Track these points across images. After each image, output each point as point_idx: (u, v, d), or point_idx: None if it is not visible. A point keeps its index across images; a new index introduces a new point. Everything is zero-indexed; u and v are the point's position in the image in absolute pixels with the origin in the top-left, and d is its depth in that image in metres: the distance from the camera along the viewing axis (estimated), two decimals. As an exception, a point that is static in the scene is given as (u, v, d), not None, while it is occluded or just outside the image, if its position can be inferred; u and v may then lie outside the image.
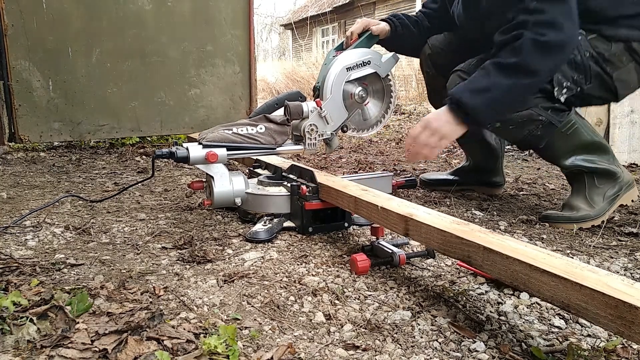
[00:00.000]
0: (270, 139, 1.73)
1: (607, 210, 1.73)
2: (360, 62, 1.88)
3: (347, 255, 1.43)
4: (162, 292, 1.15)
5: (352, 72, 1.86)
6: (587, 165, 1.73)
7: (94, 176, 2.59)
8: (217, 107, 3.71)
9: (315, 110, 1.77)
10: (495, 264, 0.96)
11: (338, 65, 1.84)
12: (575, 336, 1.00)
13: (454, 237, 1.06)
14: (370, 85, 1.93)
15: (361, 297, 1.16)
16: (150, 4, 3.41)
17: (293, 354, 0.91)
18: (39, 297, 1.05)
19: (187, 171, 2.73)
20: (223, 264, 1.36)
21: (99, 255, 1.42)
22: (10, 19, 3.02)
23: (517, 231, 1.66)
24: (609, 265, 1.37)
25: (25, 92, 3.13)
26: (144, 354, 0.87)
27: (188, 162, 1.60)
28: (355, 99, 1.89)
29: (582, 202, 1.74)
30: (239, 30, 3.70)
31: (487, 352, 0.93)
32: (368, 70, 1.89)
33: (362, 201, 1.40)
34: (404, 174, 2.63)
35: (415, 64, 12.14)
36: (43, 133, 3.22)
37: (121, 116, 3.42)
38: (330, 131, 1.81)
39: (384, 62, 1.93)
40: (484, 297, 1.17)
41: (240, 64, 3.75)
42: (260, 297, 1.15)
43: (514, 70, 1.53)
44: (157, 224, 1.73)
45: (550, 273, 0.84)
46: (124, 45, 3.37)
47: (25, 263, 1.31)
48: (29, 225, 1.67)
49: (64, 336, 0.91)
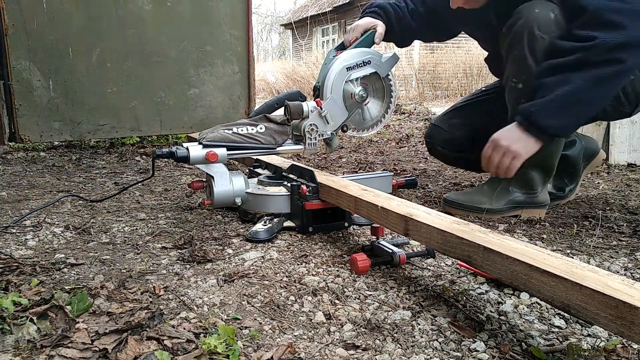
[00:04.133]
0: (271, 139, 1.73)
1: (503, 212, 1.79)
2: (360, 62, 1.87)
3: (347, 255, 1.43)
4: (162, 292, 1.15)
5: (352, 71, 1.85)
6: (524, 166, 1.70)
7: (94, 176, 2.59)
8: (216, 106, 3.72)
9: (316, 110, 1.77)
10: (495, 264, 0.96)
11: (338, 65, 1.84)
12: (575, 336, 1.00)
13: (454, 237, 1.06)
14: (370, 85, 1.93)
15: (361, 297, 1.16)
16: (149, 4, 3.41)
17: (293, 354, 0.91)
18: (39, 297, 1.05)
19: (187, 171, 2.73)
20: (223, 263, 1.36)
21: (99, 255, 1.42)
22: (10, 18, 3.02)
23: (517, 231, 1.66)
24: (609, 265, 1.37)
25: (25, 92, 3.14)
26: (144, 353, 0.87)
27: (188, 161, 1.60)
28: (356, 99, 1.89)
29: (487, 197, 1.80)
30: (238, 31, 3.71)
31: (487, 352, 0.93)
32: (368, 70, 1.89)
33: (362, 201, 1.40)
34: (404, 174, 2.63)
35: (416, 64, 12.17)
36: (43, 133, 3.23)
37: (121, 116, 3.43)
38: (331, 131, 1.81)
39: (384, 61, 1.92)
40: (484, 297, 1.17)
41: (239, 64, 3.75)
42: (260, 297, 1.15)
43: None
44: (157, 224, 1.73)
45: (550, 273, 0.84)
46: (124, 45, 3.37)
47: (25, 263, 1.31)
48: (29, 225, 1.67)
49: (64, 336, 0.91)
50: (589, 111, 1.50)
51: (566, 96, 1.44)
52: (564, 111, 1.46)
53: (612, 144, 2.95)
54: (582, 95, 1.43)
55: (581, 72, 1.42)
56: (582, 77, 1.42)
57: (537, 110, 1.47)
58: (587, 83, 1.42)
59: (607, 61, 1.40)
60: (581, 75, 1.42)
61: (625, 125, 2.93)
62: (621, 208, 1.95)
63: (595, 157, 2.01)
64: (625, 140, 2.94)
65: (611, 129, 2.94)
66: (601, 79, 1.42)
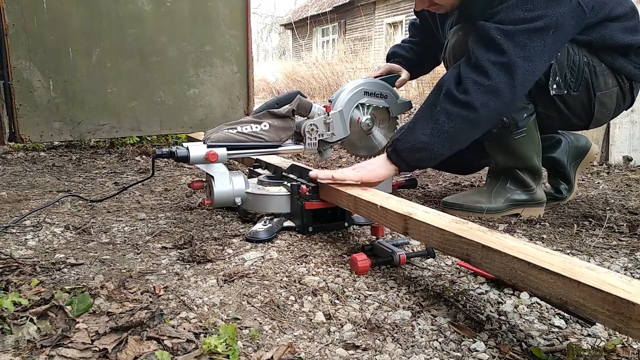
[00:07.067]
0: (275, 136, 1.72)
1: (503, 211, 1.81)
2: (378, 93, 1.92)
3: (347, 254, 1.43)
4: (162, 292, 1.15)
5: (367, 97, 1.89)
6: (511, 167, 1.80)
7: (94, 176, 2.59)
8: (215, 106, 3.72)
9: (323, 114, 1.78)
10: (493, 261, 0.96)
11: (358, 86, 1.87)
12: (575, 336, 1.00)
13: (453, 236, 1.06)
14: (378, 119, 1.96)
15: (361, 297, 1.16)
16: (149, 4, 3.41)
17: (293, 354, 0.91)
18: (39, 297, 1.05)
19: (187, 171, 2.73)
20: (223, 263, 1.36)
21: (99, 254, 1.42)
22: (10, 18, 3.02)
23: (517, 231, 1.66)
24: (609, 265, 1.37)
25: (25, 92, 3.13)
26: (144, 353, 0.87)
27: (188, 161, 1.60)
28: (361, 126, 1.92)
29: (485, 197, 1.83)
30: (237, 31, 3.71)
31: (487, 352, 0.93)
32: (382, 103, 1.93)
33: (361, 200, 1.40)
34: (404, 174, 2.63)
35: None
36: (43, 133, 3.23)
37: (121, 116, 3.42)
38: (329, 140, 1.82)
39: (399, 103, 1.97)
40: (484, 297, 1.17)
41: (238, 64, 3.75)
42: (261, 297, 1.15)
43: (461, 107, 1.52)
44: (157, 224, 1.73)
45: (548, 270, 0.84)
46: (124, 45, 3.37)
47: (25, 263, 1.31)
48: (29, 225, 1.67)
49: (64, 336, 0.91)
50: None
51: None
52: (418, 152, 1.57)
53: (612, 144, 2.95)
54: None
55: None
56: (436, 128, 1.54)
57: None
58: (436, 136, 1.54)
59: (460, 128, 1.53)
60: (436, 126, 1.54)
61: (625, 125, 2.93)
62: (621, 208, 1.96)
63: (588, 153, 2.01)
64: (625, 140, 2.94)
65: (611, 129, 2.94)
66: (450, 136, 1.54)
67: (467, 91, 1.49)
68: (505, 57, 1.46)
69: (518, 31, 1.46)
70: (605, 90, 1.68)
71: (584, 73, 1.64)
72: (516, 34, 1.46)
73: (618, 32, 1.61)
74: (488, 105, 1.49)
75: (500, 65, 1.47)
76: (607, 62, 1.66)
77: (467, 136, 1.56)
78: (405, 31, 8.21)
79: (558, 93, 1.66)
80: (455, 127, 1.51)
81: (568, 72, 1.64)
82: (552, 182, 2.04)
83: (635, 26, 1.64)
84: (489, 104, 1.49)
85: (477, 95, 1.48)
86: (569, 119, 1.75)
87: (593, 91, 1.67)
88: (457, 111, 1.50)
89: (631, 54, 1.66)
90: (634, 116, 2.91)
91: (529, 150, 1.76)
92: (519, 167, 1.79)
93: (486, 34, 1.49)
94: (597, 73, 1.65)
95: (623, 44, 1.62)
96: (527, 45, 1.46)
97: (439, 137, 1.53)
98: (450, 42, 1.77)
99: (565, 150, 1.98)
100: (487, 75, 1.48)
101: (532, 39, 1.46)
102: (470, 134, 1.56)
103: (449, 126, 1.51)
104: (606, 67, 1.66)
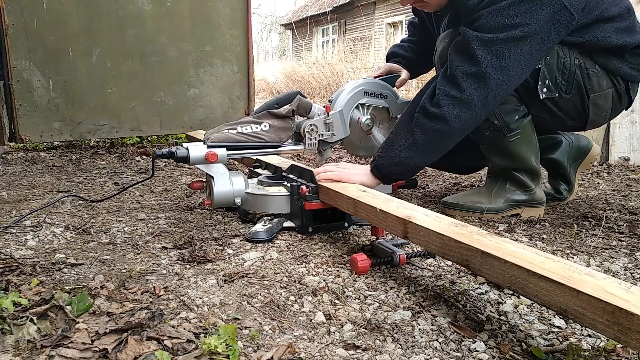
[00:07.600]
0: (275, 136, 1.72)
1: (503, 211, 1.81)
2: (378, 93, 1.92)
3: (347, 255, 1.43)
4: (162, 292, 1.16)
5: (367, 97, 1.89)
6: (508, 168, 1.81)
7: (94, 176, 2.59)
8: (215, 106, 3.72)
9: (323, 115, 1.78)
10: (493, 268, 0.96)
11: (357, 86, 1.87)
12: (575, 336, 1.00)
13: (452, 241, 1.05)
14: (378, 119, 1.96)
15: (361, 297, 1.16)
16: (149, 4, 3.41)
17: (293, 354, 0.91)
18: (39, 297, 1.05)
19: (187, 171, 2.73)
20: (223, 263, 1.36)
21: (99, 255, 1.42)
22: (10, 18, 3.02)
23: (517, 231, 1.66)
24: (609, 265, 1.37)
25: (25, 92, 3.14)
26: (144, 353, 0.87)
27: (188, 162, 1.60)
28: (361, 126, 1.92)
29: (485, 197, 1.83)
30: (237, 31, 3.71)
31: (487, 352, 0.93)
32: (382, 104, 1.93)
33: (361, 203, 1.39)
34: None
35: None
36: (43, 133, 3.23)
37: (121, 116, 3.43)
38: (329, 141, 1.82)
39: (399, 103, 1.97)
40: (484, 297, 1.17)
41: (238, 64, 3.75)
42: (261, 297, 1.15)
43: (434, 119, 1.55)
44: (157, 224, 1.73)
45: (547, 278, 0.83)
46: (124, 45, 3.37)
47: (25, 263, 1.31)
48: (29, 225, 1.67)
49: (64, 336, 0.91)
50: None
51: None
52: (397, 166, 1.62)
53: (612, 144, 2.95)
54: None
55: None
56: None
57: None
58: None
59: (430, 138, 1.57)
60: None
61: (625, 125, 2.93)
62: (621, 208, 1.96)
63: (588, 154, 2.01)
64: (625, 140, 2.94)
65: (611, 129, 2.94)
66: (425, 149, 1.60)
67: (439, 104, 1.53)
68: (479, 68, 1.49)
69: (496, 40, 1.48)
70: (600, 92, 1.67)
71: (575, 75, 1.64)
72: (494, 43, 1.48)
73: (612, 33, 1.60)
74: (459, 117, 1.53)
75: (472, 77, 1.50)
76: (601, 64, 1.65)
77: (441, 148, 1.61)
78: (405, 31, 8.21)
79: (549, 96, 1.66)
80: (429, 140, 1.56)
81: (559, 75, 1.64)
82: (552, 182, 2.04)
83: (631, 26, 1.63)
84: (460, 116, 1.53)
85: (449, 108, 1.52)
86: (562, 120, 1.75)
87: (586, 93, 1.66)
88: (429, 125, 1.55)
89: (626, 54, 1.65)
90: (634, 116, 2.91)
91: (525, 151, 1.76)
92: (516, 168, 1.80)
93: (465, 44, 1.52)
94: (589, 75, 1.65)
95: (617, 44, 1.61)
96: (504, 55, 1.48)
97: (415, 151, 1.58)
98: (439, 49, 1.80)
99: (565, 151, 1.98)
100: (460, 88, 1.51)
101: (510, 47, 1.48)
102: (444, 146, 1.60)
103: (423, 139, 1.56)
104: (600, 68, 1.65)
